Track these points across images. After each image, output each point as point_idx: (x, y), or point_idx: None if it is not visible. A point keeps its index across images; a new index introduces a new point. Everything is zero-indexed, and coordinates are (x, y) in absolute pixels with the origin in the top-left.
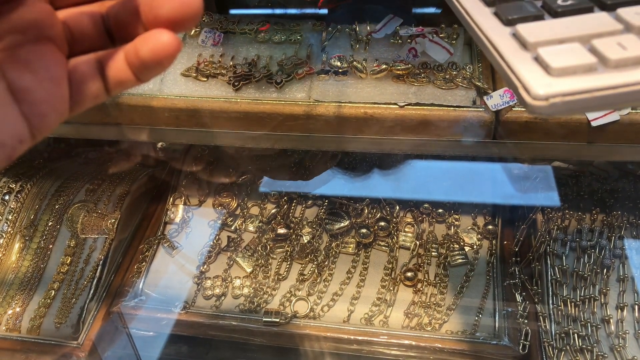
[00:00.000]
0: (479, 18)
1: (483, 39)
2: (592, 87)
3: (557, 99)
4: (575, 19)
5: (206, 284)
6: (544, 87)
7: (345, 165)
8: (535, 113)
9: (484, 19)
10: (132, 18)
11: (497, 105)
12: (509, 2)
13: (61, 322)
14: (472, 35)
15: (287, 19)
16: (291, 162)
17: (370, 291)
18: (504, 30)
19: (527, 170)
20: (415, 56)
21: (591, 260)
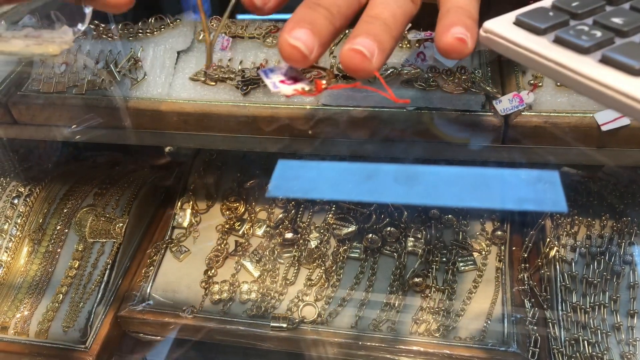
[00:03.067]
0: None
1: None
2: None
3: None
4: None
5: (214, 288)
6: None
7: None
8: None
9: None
10: None
11: (506, 110)
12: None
13: (69, 326)
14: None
15: None
16: None
17: (378, 297)
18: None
19: (536, 175)
20: (423, 60)
21: (601, 266)
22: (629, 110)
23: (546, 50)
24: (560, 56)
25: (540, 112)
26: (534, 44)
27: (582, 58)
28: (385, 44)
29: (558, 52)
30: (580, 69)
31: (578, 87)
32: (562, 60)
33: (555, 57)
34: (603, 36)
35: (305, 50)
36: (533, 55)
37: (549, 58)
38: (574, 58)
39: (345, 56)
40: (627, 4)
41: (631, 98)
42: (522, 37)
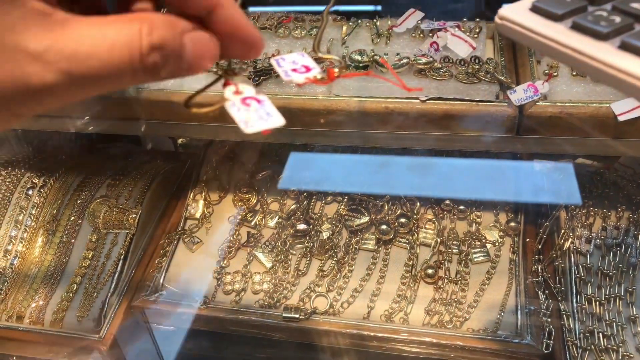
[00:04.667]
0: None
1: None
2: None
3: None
4: None
5: (226, 279)
6: None
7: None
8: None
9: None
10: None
11: (520, 100)
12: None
13: (83, 316)
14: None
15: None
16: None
17: (390, 288)
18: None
19: (551, 166)
20: (437, 50)
21: (617, 258)
22: None
23: (563, 37)
24: (578, 43)
25: (556, 102)
26: (551, 30)
27: (600, 44)
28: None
29: (576, 39)
30: (599, 56)
31: (596, 74)
32: (580, 47)
33: (573, 43)
34: (622, 22)
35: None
36: (550, 42)
37: (566, 45)
38: (593, 44)
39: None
40: None
41: None
42: (539, 24)
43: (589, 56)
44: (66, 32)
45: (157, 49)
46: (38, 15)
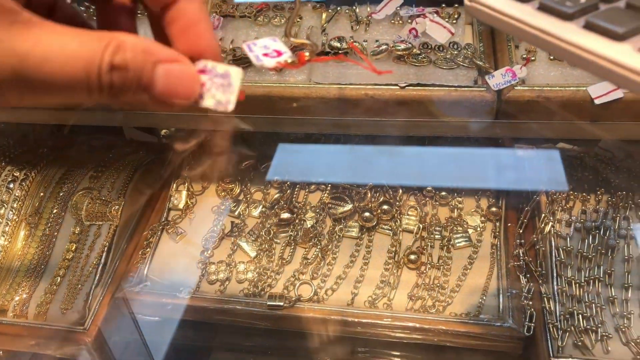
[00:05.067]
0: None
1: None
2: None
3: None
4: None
5: (210, 269)
6: None
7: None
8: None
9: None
10: None
11: (498, 85)
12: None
13: (67, 308)
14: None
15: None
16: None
17: (373, 274)
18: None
19: (531, 151)
20: (416, 36)
21: (596, 241)
22: (613, 77)
23: (531, 18)
24: (544, 23)
25: (533, 86)
26: (518, 11)
27: (566, 24)
28: None
29: (542, 19)
30: (565, 36)
31: (563, 54)
32: (546, 27)
33: (539, 24)
34: (587, 2)
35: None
36: (518, 23)
37: (533, 25)
38: (558, 25)
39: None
40: None
41: (615, 63)
42: (507, 5)
43: (555, 36)
44: (26, 32)
45: (118, 70)
46: (2, 11)
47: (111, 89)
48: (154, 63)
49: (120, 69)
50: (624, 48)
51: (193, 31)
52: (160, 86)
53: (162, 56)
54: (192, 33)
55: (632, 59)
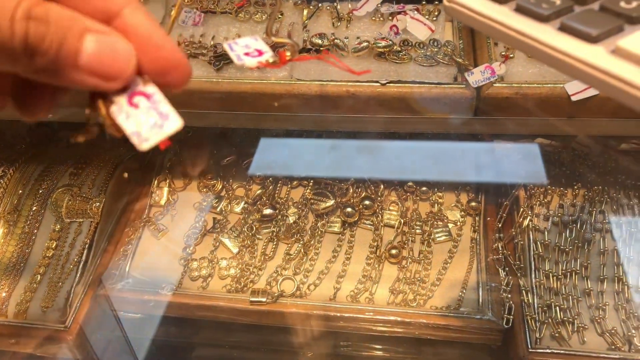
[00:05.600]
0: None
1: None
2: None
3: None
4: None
5: (192, 265)
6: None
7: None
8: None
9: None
10: None
11: (478, 82)
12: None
13: (48, 306)
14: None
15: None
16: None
17: (355, 269)
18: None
19: (510, 146)
20: (396, 33)
21: (573, 234)
22: (588, 78)
23: (508, 19)
24: (521, 24)
25: (512, 83)
26: (495, 12)
27: (542, 26)
28: None
29: (519, 21)
30: (540, 37)
31: (539, 55)
32: (522, 29)
33: (516, 25)
34: (562, 4)
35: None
36: (495, 24)
37: (510, 27)
38: (534, 26)
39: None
40: None
41: (589, 65)
42: (485, 6)
43: (531, 37)
44: None
45: (35, 21)
46: None
47: (26, 44)
48: (83, 29)
49: (39, 21)
50: (597, 50)
51: (150, 43)
52: (88, 56)
53: (92, 26)
54: (149, 45)
55: (604, 61)
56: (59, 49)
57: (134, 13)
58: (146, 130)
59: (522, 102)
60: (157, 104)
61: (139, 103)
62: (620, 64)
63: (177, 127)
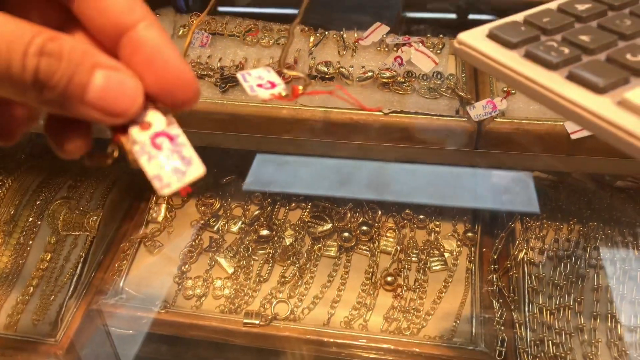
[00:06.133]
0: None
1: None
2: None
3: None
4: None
5: (187, 284)
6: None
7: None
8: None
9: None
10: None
11: (479, 116)
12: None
13: (39, 319)
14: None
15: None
16: None
17: (350, 295)
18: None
19: (508, 179)
20: (401, 64)
21: (567, 269)
22: (594, 127)
23: (517, 64)
24: (529, 71)
25: (513, 119)
26: (505, 57)
27: (550, 74)
28: None
29: (528, 67)
30: (548, 85)
31: (546, 102)
32: (531, 75)
33: (525, 71)
34: (571, 53)
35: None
36: (504, 68)
37: (519, 72)
38: (543, 73)
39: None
40: (594, 22)
41: (595, 115)
42: (495, 50)
43: (539, 84)
44: None
45: (48, 57)
46: None
47: (36, 79)
48: (93, 65)
49: (52, 56)
50: (604, 101)
51: (159, 59)
52: (95, 91)
53: (103, 61)
54: (158, 61)
55: (611, 112)
56: (68, 84)
57: (148, 28)
58: (168, 175)
59: (522, 138)
60: (181, 147)
61: (162, 144)
62: (626, 115)
63: (200, 174)
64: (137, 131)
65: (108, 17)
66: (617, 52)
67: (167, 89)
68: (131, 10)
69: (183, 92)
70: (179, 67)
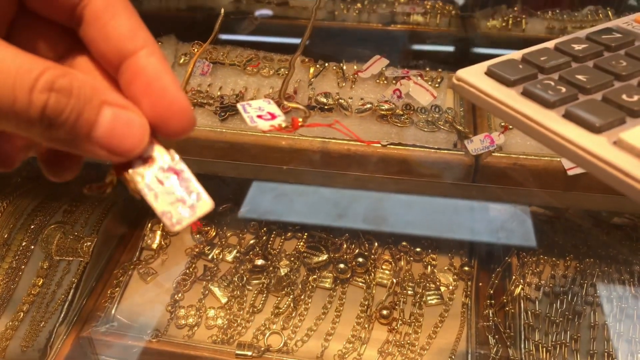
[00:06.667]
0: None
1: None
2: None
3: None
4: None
5: (180, 312)
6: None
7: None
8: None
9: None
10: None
11: (477, 150)
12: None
13: (28, 346)
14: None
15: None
16: None
17: (345, 328)
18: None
19: (505, 213)
20: (399, 97)
21: (563, 306)
22: (589, 166)
23: (514, 102)
24: (526, 108)
25: (510, 154)
26: (502, 94)
27: (547, 112)
28: None
29: (525, 105)
30: (545, 123)
31: (542, 139)
32: (528, 113)
33: (522, 109)
34: (567, 92)
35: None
36: (501, 105)
37: (516, 109)
38: (540, 111)
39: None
40: (591, 62)
41: (591, 154)
42: (492, 88)
43: (536, 122)
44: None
45: (58, 93)
46: None
47: (43, 116)
48: (102, 102)
49: (61, 92)
50: (600, 140)
51: (156, 86)
52: (103, 129)
53: (111, 99)
54: (155, 88)
55: (606, 152)
56: (76, 121)
57: (149, 55)
58: (177, 212)
59: (519, 173)
60: (188, 182)
61: (167, 180)
62: (622, 155)
63: (209, 208)
64: (141, 167)
65: (111, 42)
66: (613, 92)
67: (162, 116)
68: (134, 37)
69: (178, 121)
70: (176, 95)
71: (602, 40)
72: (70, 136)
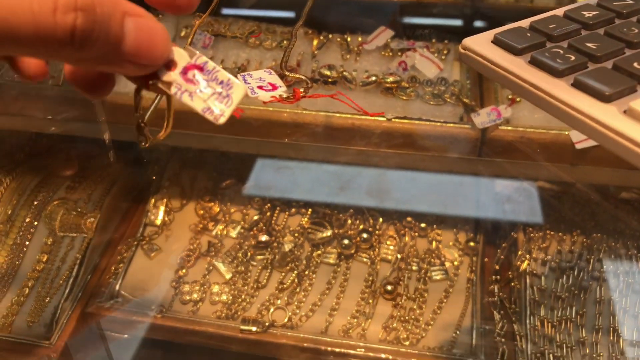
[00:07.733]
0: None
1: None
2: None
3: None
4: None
5: (184, 288)
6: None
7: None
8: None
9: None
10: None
11: (483, 123)
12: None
13: (34, 321)
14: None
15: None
16: None
17: (349, 303)
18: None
19: (511, 188)
20: (405, 70)
21: (569, 281)
22: (599, 136)
23: (521, 71)
24: (534, 77)
25: (517, 127)
26: (510, 63)
27: (555, 81)
28: None
29: (533, 73)
30: (553, 92)
31: (550, 109)
32: (536, 82)
33: (529, 78)
34: (576, 60)
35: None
36: (508, 74)
37: (523, 79)
38: (548, 80)
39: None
40: (601, 30)
41: (601, 124)
42: (499, 56)
43: (544, 91)
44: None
45: (83, 12)
46: None
47: (74, 37)
48: (123, 13)
49: (87, 10)
50: (609, 109)
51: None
52: (131, 41)
53: (128, 8)
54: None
55: (616, 121)
56: (106, 37)
57: None
58: (216, 104)
59: (526, 146)
60: (214, 73)
61: (195, 77)
62: (632, 124)
63: (244, 92)
64: (167, 73)
65: None
66: (624, 60)
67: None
68: None
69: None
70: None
71: (614, 7)
72: (101, 53)
